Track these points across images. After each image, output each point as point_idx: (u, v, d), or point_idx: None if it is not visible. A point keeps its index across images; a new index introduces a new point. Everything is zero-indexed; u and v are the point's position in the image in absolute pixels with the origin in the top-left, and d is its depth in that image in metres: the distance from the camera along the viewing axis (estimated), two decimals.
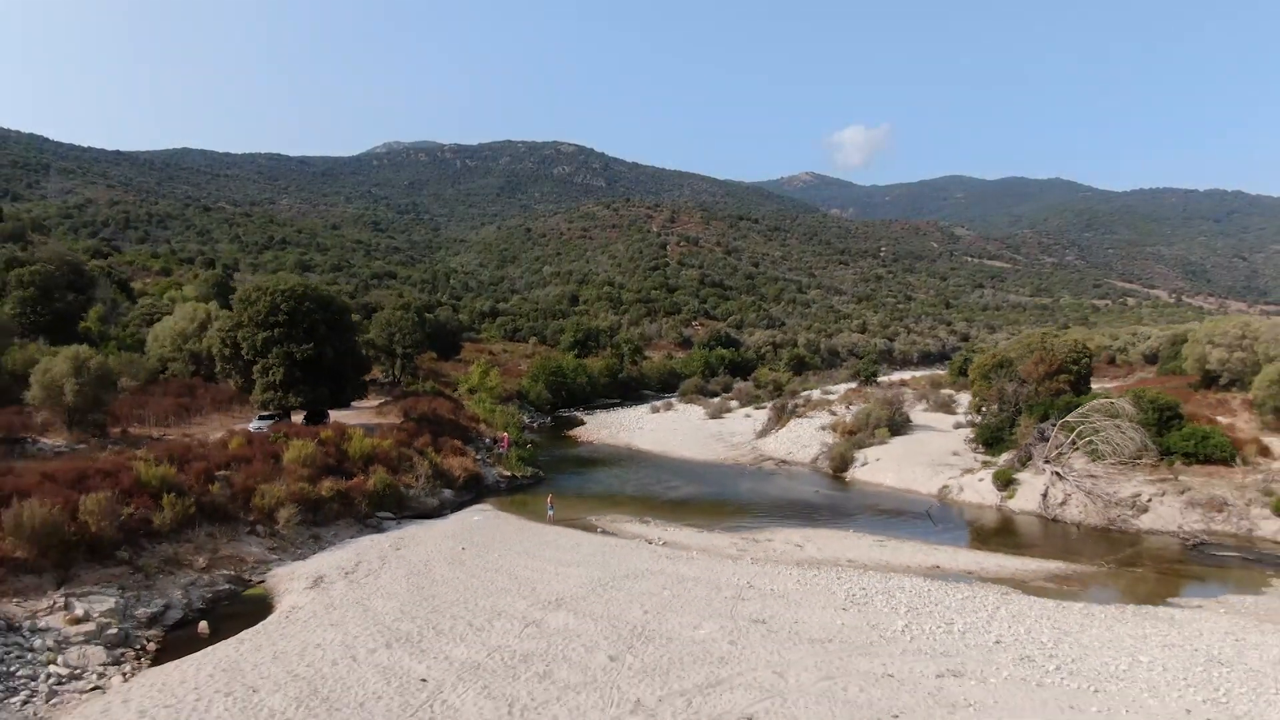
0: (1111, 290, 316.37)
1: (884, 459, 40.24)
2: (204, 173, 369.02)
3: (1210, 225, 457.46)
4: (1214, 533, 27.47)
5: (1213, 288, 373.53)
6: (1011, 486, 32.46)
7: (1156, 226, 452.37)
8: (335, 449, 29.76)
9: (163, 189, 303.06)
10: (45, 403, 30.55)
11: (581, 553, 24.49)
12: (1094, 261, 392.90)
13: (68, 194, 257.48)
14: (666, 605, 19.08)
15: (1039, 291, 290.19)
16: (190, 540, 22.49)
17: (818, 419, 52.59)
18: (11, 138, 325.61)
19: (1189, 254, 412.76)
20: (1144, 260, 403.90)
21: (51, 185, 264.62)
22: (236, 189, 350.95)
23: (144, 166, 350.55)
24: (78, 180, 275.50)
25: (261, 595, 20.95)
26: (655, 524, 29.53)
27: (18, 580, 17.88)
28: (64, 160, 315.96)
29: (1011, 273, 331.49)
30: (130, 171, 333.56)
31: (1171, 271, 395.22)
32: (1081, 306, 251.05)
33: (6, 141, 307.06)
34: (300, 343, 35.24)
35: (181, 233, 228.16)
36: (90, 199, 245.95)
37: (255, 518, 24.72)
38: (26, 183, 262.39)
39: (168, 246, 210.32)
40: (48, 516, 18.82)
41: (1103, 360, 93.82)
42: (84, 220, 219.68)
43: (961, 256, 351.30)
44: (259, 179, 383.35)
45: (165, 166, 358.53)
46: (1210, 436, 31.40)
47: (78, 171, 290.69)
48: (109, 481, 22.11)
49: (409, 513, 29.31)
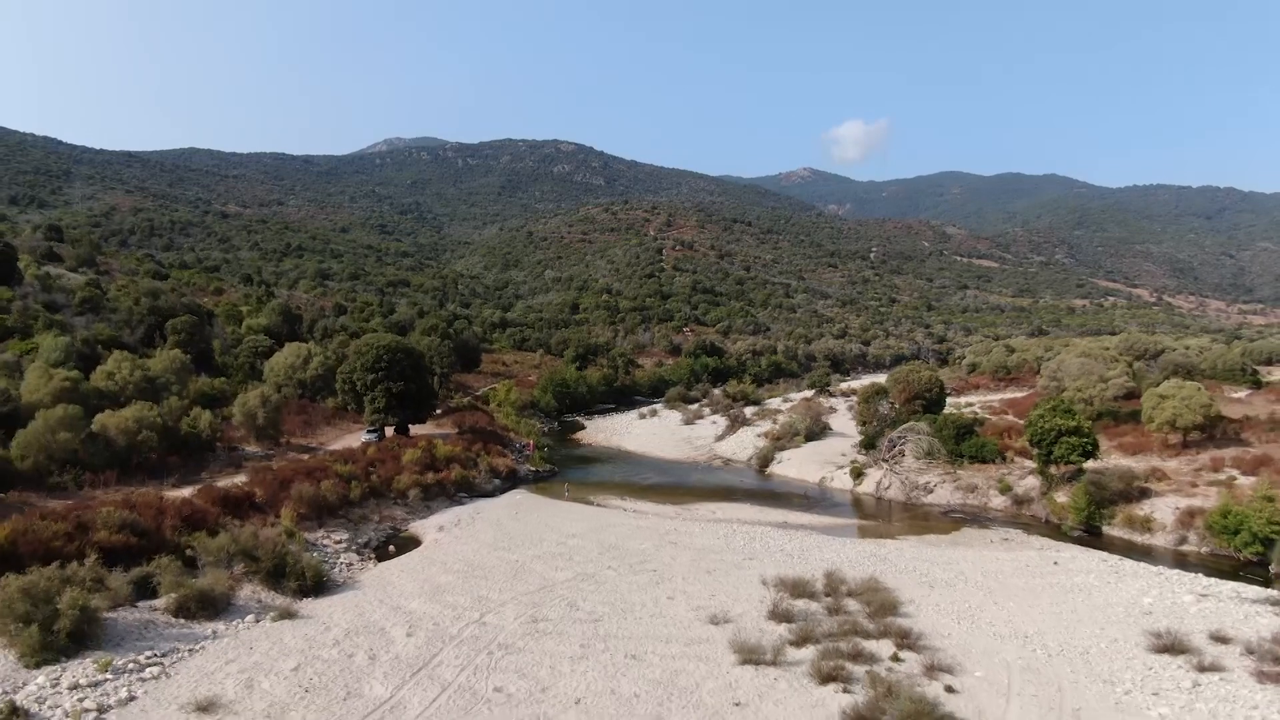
0: (1094, 290, 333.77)
1: (793, 458, 59.17)
2: (212, 174, 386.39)
3: (1201, 222, 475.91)
4: (967, 506, 46.32)
5: (1198, 285, 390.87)
6: (861, 477, 51.38)
7: (1148, 224, 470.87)
8: (429, 453, 48.62)
9: (175, 191, 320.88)
10: (243, 423, 49.37)
11: (584, 515, 43.40)
12: (1083, 259, 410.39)
13: (90, 200, 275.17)
14: (627, 537, 37.92)
15: (1022, 292, 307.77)
16: (367, 507, 41.39)
17: (761, 426, 71.49)
18: (29, 142, 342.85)
19: (1177, 251, 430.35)
20: (1132, 258, 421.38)
21: (75, 191, 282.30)
22: (245, 190, 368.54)
23: (155, 168, 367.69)
24: (97, 186, 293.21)
25: (410, 536, 39.72)
26: (629, 500, 48.46)
27: (304, 524, 36.68)
28: (80, 164, 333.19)
29: (998, 273, 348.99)
30: (143, 173, 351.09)
31: (1159, 269, 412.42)
32: (1057, 309, 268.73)
33: (26, 147, 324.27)
34: (395, 381, 54.07)
35: (204, 239, 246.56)
36: (113, 206, 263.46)
37: (395, 495, 43.62)
38: (50, 189, 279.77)
39: (194, 254, 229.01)
40: (311, 491, 37.69)
41: (1026, 371, 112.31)
42: (112, 229, 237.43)
43: (951, 256, 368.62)
44: (265, 179, 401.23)
45: (175, 168, 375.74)
46: (986, 445, 50.17)
47: (96, 177, 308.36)
48: (321, 473, 40.96)
49: (476, 493, 48.20)
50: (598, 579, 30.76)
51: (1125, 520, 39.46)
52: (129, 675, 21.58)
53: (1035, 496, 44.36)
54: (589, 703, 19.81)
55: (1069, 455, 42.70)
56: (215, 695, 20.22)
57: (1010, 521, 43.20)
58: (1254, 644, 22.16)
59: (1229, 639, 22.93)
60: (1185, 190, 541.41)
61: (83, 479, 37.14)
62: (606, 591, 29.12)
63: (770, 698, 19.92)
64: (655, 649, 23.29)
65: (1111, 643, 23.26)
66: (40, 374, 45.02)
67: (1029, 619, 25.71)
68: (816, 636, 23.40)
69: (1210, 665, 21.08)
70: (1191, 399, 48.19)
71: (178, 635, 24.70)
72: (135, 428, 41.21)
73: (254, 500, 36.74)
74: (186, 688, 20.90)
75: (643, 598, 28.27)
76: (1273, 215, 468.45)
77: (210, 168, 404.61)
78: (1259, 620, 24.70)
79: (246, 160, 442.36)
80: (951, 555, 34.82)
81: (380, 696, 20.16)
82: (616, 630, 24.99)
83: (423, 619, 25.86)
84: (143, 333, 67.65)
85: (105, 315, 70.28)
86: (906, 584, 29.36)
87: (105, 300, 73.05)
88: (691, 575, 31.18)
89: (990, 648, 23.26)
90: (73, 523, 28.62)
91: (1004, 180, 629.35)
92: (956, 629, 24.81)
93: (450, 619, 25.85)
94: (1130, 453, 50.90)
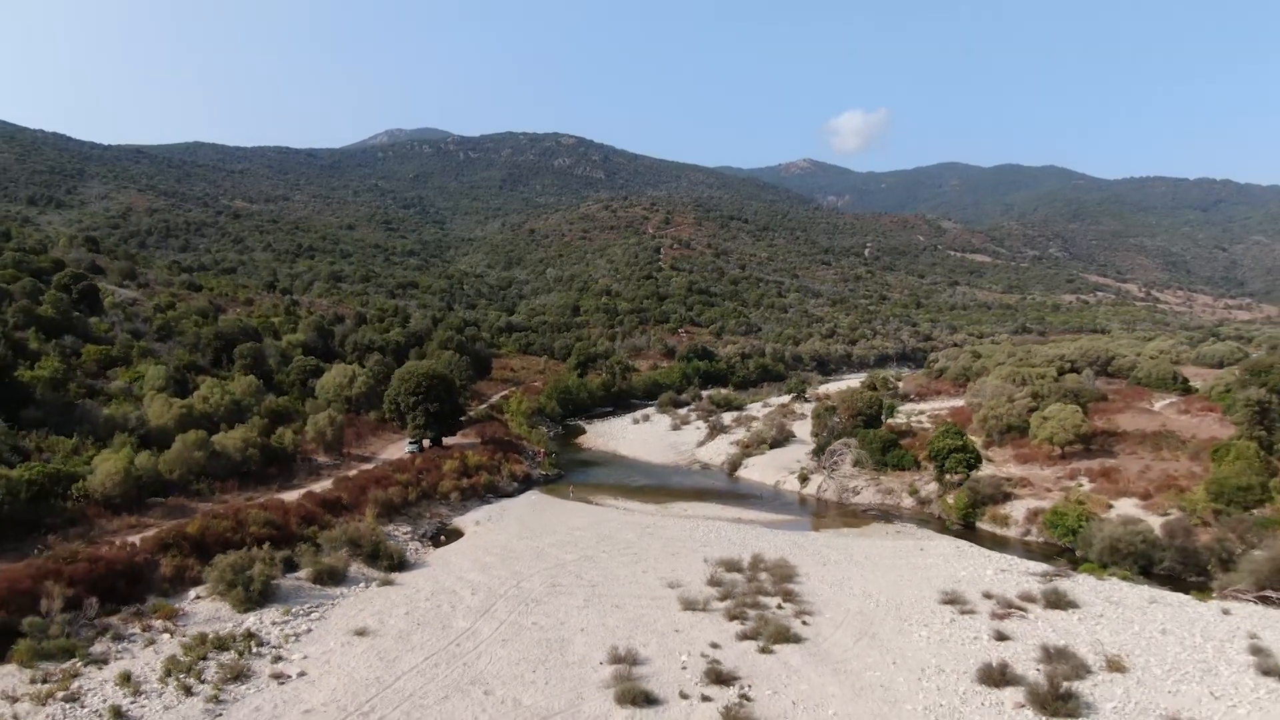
0: (1084, 285, 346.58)
1: (757, 464, 73.14)
2: (219, 169, 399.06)
3: (1196, 215, 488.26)
4: (885, 505, 60.26)
5: (1189, 279, 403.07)
6: (806, 481, 65.38)
7: (1143, 216, 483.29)
8: (463, 463, 62.61)
9: (183, 188, 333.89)
10: (315, 438, 63.33)
11: (585, 512, 57.40)
12: (1076, 253, 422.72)
13: (106, 200, 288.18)
14: (617, 530, 51.92)
15: (1011, 288, 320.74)
16: (420, 506, 55.42)
17: (735, 434, 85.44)
18: (40, 139, 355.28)
19: (1170, 245, 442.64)
20: (1126, 251, 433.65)
21: (89, 191, 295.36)
22: (251, 185, 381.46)
23: (162, 164, 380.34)
24: (110, 185, 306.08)
25: (454, 528, 53.69)
26: (621, 500, 62.48)
27: (380, 520, 50.62)
28: (91, 162, 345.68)
29: (991, 268, 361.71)
30: (151, 169, 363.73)
31: (1152, 263, 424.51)
32: (1043, 307, 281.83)
33: (39, 145, 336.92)
34: (431, 402, 67.98)
35: (218, 240, 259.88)
36: (129, 206, 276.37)
37: (440, 496, 57.62)
38: (65, 189, 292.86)
39: (210, 256, 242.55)
40: (383, 495, 51.71)
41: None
42: (130, 230, 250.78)
43: (945, 251, 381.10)
44: (270, 174, 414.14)
45: (182, 164, 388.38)
46: (904, 456, 64.06)
47: (109, 175, 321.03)
48: (387, 481, 54.93)
49: (501, 495, 62.21)
50: (595, 560, 44.76)
51: (991, 517, 53.45)
52: (303, 617, 35.62)
53: (934, 498, 58.34)
54: (589, 631, 33.78)
55: (957, 467, 56.62)
56: (362, 626, 34.25)
57: (914, 518, 57.20)
58: (1003, 598, 36.10)
59: (991, 595, 36.85)
60: (1182, 182, 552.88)
61: (214, 486, 51.08)
62: (601, 568, 43.12)
63: (698, 628, 33.88)
64: (631, 602, 37.25)
65: (919, 598, 37.19)
66: (163, 403, 58.99)
67: (878, 585, 39.64)
68: (734, 595, 37.34)
69: (969, 610, 35.03)
70: (1066, 420, 62.06)
71: (319, 595, 38.73)
72: (244, 445, 55.20)
73: (342, 502, 50.76)
74: (340, 624, 34.92)
75: (625, 572, 42.26)
76: (1268, 208, 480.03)
77: (215, 162, 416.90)
78: (1021, 585, 38.58)
79: (251, 154, 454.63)
80: (850, 543, 48.87)
81: (463, 628, 34.17)
82: (607, 592, 38.96)
83: (479, 584, 39.88)
84: (211, 355, 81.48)
85: (177, 339, 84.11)
86: (807, 562, 43.33)
87: (175, 327, 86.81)
88: (661, 557, 45.17)
89: (843, 602, 37.21)
90: (234, 520, 42.63)
91: (1002, 172, 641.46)
92: (827, 591, 38.75)
93: (497, 584, 39.87)
94: (1022, 461, 64.93)
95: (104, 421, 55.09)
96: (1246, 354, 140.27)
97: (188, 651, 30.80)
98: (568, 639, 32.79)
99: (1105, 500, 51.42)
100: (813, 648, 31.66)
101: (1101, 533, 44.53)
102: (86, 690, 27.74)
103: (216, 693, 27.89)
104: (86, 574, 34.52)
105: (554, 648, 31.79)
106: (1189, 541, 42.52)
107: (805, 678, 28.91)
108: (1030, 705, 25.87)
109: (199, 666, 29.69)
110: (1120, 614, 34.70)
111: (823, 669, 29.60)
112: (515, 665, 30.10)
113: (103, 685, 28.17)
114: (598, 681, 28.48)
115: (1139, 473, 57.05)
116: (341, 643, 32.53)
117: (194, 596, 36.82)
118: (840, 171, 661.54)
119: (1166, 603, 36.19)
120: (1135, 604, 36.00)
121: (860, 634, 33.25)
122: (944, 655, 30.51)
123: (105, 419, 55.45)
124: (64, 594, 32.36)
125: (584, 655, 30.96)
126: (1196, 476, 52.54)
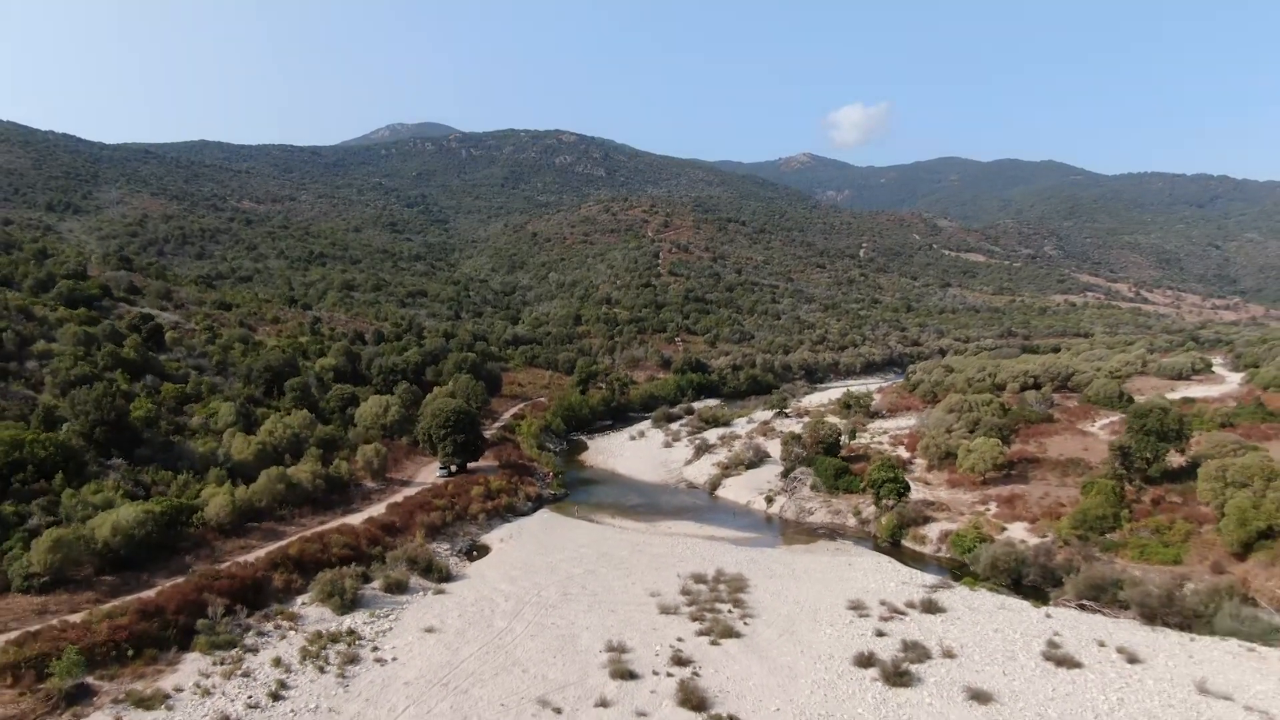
0: (1074, 285, 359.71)
1: (734, 484, 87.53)
2: (225, 169, 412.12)
3: (1192, 211, 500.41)
4: (833, 524, 74.59)
5: (1181, 277, 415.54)
6: (771, 502, 79.77)
7: (1139, 213, 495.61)
8: (487, 487, 77.05)
9: (192, 189, 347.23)
10: (364, 466, 77.75)
11: (588, 530, 71.85)
12: (1071, 251, 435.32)
13: (121, 205, 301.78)
14: (614, 547, 66.35)
15: (1002, 289, 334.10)
16: (455, 526, 69.87)
17: (718, 455, 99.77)
18: (54, 142, 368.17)
19: (1165, 242, 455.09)
20: (1120, 249, 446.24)
21: (104, 195, 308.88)
22: (257, 185, 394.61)
23: (170, 164, 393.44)
24: (123, 189, 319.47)
25: (483, 545, 68.13)
26: (617, 519, 76.89)
27: (429, 539, 64.99)
28: (101, 164, 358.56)
29: (984, 268, 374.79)
30: (160, 170, 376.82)
31: (1145, 260, 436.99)
32: (1030, 310, 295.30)
33: (53, 149, 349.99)
34: (459, 434, 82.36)
35: (233, 247, 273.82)
36: (145, 213, 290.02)
37: (470, 517, 72.05)
38: (81, 193, 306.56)
39: (226, 264, 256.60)
40: (428, 520, 66.15)
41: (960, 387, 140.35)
42: (148, 239, 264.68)
43: (940, 250, 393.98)
44: (275, 173, 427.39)
45: (190, 164, 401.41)
46: (855, 480, 78.33)
47: (120, 178, 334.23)
48: (429, 506, 69.34)
49: (517, 514, 76.63)
50: (596, 573, 59.17)
51: (913, 537, 67.82)
52: (384, 619, 50.08)
53: (872, 519, 72.71)
54: (592, 629, 48.18)
55: (890, 494, 70.92)
56: (430, 624, 48.69)
57: (856, 536, 71.55)
58: (892, 605, 50.46)
59: (885, 602, 51.20)
60: (1179, 178, 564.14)
61: (293, 513, 65.43)
62: (600, 580, 57.52)
63: (669, 627, 48.26)
64: (622, 608, 51.65)
65: (834, 604, 51.55)
66: (241, 440, 73.36)
67: (807, 594, 53.99)
68: (699, 602, 51.69)
69: (865, 614, 49.39)
70: (986, 452, 76.35)
71: (391, 602, 53.19)
72: (312, 476, 69.60)
73: (396, 525, 65.17)
74: (412, 623, 49.34)
75: (619, 584, 56.65)
76: (1263, 204, 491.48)
77: (221, 161, 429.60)
78: (911, 594, 52.87)
79: (256, 153, 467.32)
80: (795, 559, 63.28)
81: (502, 626, 48.61)
82: (605, 600, 53.35)
83: (509, 593, 54.31)
84: (263, 388, 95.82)
85: (232, 371, 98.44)
86: (758, 575, 57.71)
87: (228, 359, 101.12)
88: (647, 571, 59.57)
89: (778, 607, 51.54)
90: (321, 543, 57.08)
91: (1002, 166, 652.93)
92: (768, 599, 53.10)
93: (523, 592, 54.30)
94: (952, 486, 79.31)
95: (199, 458, 69.48)
96: (1208, 364, 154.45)
97: (311, 643, 45.29)
98: (577, 634, 47.22)
99: (1000, 524, 65.81)
100: (748, 641, 46.09)
101: (987, 552, 58.87)
102: (254, 669, 42.17)
103: (340, 671, 42.36)
104: (228, 587, 49.02)
105: (567, 641, 46.25)
106: (1049, 560, 56.83)
107: (739, 661, 43.33)
108: (881, 680, 40.24)
109: (324, 653, 44.16)
110: (973, 617, 49.11)
111: (752, 656, 44.03)
112: (541, 653, 44.57)
113: (262, 666, 42.59)
114: (598, 664, 42.89)
115: (1038, 499, 71.39)
116: (417, 637, 47.00)
117: (301, 603, 51.30)
118: (840, 166, 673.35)
119: (1010, 609, 50.61)
120: (987, 609, 50.43)
121: (783, 631, 47.65)
122: (836, 646, 44.93)
123: (200, 455, 69.83)
124: (222, 603, 46.83)
125: (589, 646, 45.37)
126: (1076, 504, 66.83)
